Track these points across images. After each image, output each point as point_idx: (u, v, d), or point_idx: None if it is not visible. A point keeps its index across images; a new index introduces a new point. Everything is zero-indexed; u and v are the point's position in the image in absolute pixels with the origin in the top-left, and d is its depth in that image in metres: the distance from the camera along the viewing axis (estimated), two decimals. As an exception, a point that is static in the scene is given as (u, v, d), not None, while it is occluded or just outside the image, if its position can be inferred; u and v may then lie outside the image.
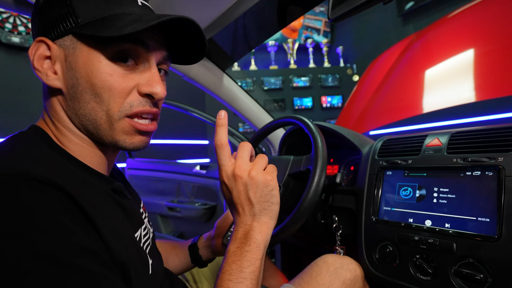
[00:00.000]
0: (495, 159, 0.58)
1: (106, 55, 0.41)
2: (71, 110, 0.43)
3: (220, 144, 0.49)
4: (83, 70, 0.41)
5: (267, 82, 4.53)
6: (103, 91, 0.41)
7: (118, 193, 0.46)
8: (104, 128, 0.43)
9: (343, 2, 0.67)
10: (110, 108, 0.42)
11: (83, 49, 0.41)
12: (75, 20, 0.40)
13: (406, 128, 2.43)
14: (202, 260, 0.72)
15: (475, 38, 2.05)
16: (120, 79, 0.42)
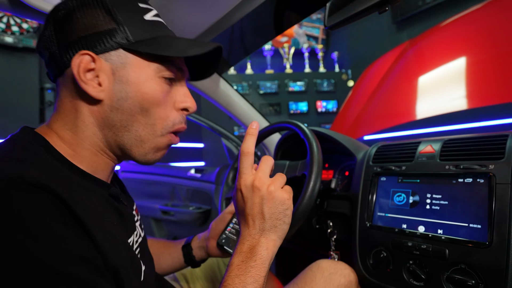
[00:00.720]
0: (486, 167, 0.59)
1: (156, 73, 0.44)
2: (107, 121, 0.44)
3: (246, 152, 0.49)
4: (135, 85, 0.43)
5: (263, 86, 4.55)
6: (152, 106, 0.44)
7: (115, 199, 0.46)
8: (145, 142, 0.45)
9: (339, 10, 0.68)
10: (156, 124, 0.45)
11: (134, 64, 0.43)
12: (125, 37, 0.42)
13: (399, 134, 2.46)
14: (196, 260, 0.72)
15: (466, 47, 2.10)
16: (165, 95, 0.45)
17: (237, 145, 1.59)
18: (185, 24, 0.83)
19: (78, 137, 0.43)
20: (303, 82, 4.62)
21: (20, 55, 2.88)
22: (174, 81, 0.47)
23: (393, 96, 2.55)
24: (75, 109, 0.43)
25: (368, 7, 0.61)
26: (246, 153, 0.49)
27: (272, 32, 0.95)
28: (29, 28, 2.89)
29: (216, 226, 0.71)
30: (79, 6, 0.42)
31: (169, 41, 0.45)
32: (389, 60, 2.77)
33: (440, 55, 2.24)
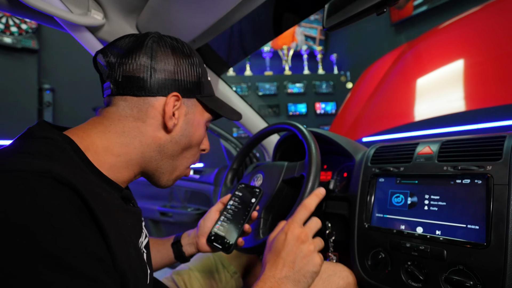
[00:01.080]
0: (484, 168, 0.59)
1: (206, 121, 0.57)
2: (163, 147, 0.52)
3: (307, 206, 0.57)
4: (196, 128, 0.55)
5: (262, 88, 4.55)
6: (196, 145, 0.57)
7: (126, 201, 0.50)
8: (176, 171, 0.56)
9: (337, 12, 0.68)
10: (190, 158, 0.57)
11: (199, 111, 0.55)
12: (201, 91, 0.54)
13: (398, 135, 2.47)
14: (186, 256, 0.75)
15: (464, 49, 2.11)
16: (205, 137, 0.59)
17: (236, 146, 1.59)
18: (184, 25, 0.84)
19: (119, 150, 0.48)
20: (302, 84, 4.62)
21: (19, 55, 2.87)
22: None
23: (391, 98, 2.56)
24: (137, 128, 0.49)
25: (366, 8, 0.61)
26: (306, 207, 0.57)
27: (271, 34, 0.96)
28: (28, 28, 2.88)
29: (204, 224, 0.73)
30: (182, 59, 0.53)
31: (218, 101, 0.60)
32: (388, 62, 2.79)
33: (438, 57, 2.25)
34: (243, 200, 0.71)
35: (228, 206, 0.72)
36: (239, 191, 0.73)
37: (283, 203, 0.81)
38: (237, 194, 0.73)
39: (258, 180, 0.86)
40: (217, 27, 0.84)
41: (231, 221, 0.69)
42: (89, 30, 0.84)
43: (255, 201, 0.69)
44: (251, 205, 0.68)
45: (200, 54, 1.04)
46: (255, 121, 1.27)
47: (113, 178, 0.47)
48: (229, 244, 0.66)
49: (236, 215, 0.69)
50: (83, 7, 0.80)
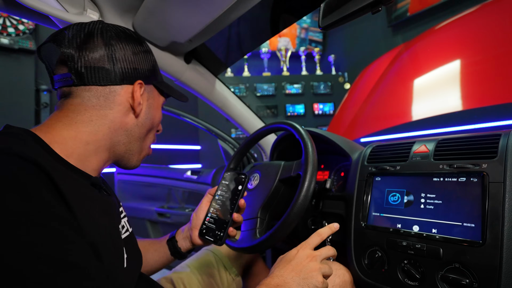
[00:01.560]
0: (479, 166, 0.59)
1: (162, 103, 0.63)
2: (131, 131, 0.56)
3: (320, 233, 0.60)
4: (155, 110, 0.60)
5: (260, 89, 4.56)
6: (155, 121, 0.61)
7: (96, 187, 0.51)
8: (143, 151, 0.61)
9: (333, 11, 0.69)
10: (153, 133, 0.62)
11: (155, 94, 0.61)
12: (156, 77, 0.60)
13: (395, 136, 2.47)
14: (182, 252, 0.74)
15: (460, 49, 2.12)
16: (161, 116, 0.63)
17: (234, 147, 1.59)
18: (181, 25, 0.83)
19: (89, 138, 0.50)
20: (300, 85, 4.63)
21: (16, 56, 2.86)
22: None
23: (388, 98, 2.57)
24: (105, 115, 0.52)
25: (362, 7, 0.61)
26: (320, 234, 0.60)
27: (268, 33, 0.96)
28: (25, 29, 2.87)
29: (197, 216, 0.73)
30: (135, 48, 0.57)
31: (169, 85, 0.64)
32: (385, 62, 2.80)
33: (435, 58, 2.26)
34: (230, 188, 0.70)
35: (216, 197, 0.71)
36: (225, 180, 0.72)
37: (280, 202, 0.80)
38: (224, 183, 0.72)
39: (255, 179, 0.86)
40: (214, 27, 0.84)
41: (220, 212, 0.68)
42: (85, 29, 0.84)
43: (241, 188, 0.68)
44: (238, 193, 0.67)
45: (197, 54, 1.05)
46: (253, 121, 1.27)
47: (82, 167, 0.49)
48: (220, 235, 0.65)
49: (224, 205, 0.68)
50: (79, 6, 0.80)
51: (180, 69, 1.02)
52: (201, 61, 1.08)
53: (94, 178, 0.51)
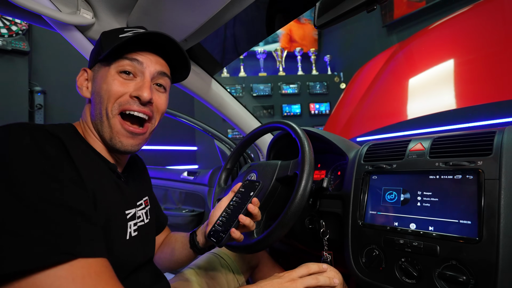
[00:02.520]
0: (475, 163, 0.59)
1: (112, 70, 0.58)
2: (91, 113, 0.60)
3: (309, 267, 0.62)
4: (99, 81, 0.59)
5: (256, 89, 4.56)
6: (105, 93, 0.57)
7: (114, 173, 0.59)
8: (105, 124, 0.58)
9: (328, 10, 0.69)
10: (108, 106, 0.57)
11: (101, 70, 0.60)
12: (101, 54, 0.58)
13: (391, 135, 2.49)
14: (200, 247, 0.74)
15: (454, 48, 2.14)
16: (118, 85, 0.58)
17: (230, 147, 1.58)
18: (175, 24, 0.83)
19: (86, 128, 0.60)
20: (296, 85, 4.64)
21: (9, 57, 2.83)
22: (135, 75, 0.59)
23: (384, 97, 2.58)
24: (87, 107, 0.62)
25: (357, 6, 0.61)
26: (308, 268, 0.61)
27: (263, 33, 0.95)
28: (18, 30, 2.84)
29: (214, 213, 0.72)
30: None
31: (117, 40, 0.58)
32: (380, 62, 2.81)
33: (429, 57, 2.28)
34: (244, 195, 0.70)
35: (230, 202, 0.71)
36: (242, 187, 0.72)
37: (277, 201, 0.80)
38: (241, 190, 0.72)
39: (252, 179, 0.86)
40: (209, 26, 0.83)
41: (229, 215, 0.68)
42: (79, 29, 0.83)
43: (252, 193, 0.67)
44: (248, 198, 0.67)
45: (193, 54, 1.04)
46: (249, 121, 1.27)
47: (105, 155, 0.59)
48: (221, 237, 0.64)
49: (234, 209, 0.68)
50: (72, 6, 0.79)
51: (175, 69, 1.01)
52: (197, 61, 1.08)
53: (112, 165, 0.59)
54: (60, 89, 3.12)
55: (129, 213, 0.60)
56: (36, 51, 3.04)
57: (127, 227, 0.58)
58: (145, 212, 0.67)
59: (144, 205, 0.68)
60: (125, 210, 0.59)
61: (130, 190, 0.63)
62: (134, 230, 0.60)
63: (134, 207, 0.63)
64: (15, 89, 2.86)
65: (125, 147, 0.59)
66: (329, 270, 0.65)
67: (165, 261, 0.80)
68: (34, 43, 3.02)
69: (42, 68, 3.08)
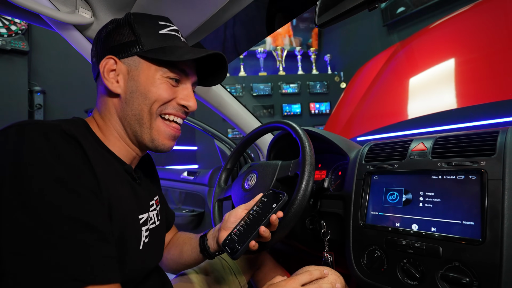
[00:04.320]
0: (478, 163, 0.59)
1: (160, 73, 0.56)
2: (123, 111, 0.56)
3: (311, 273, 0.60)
4: (144, 80, 0.55)
5: (256, 88, 4.55)
6: (153, 96, 0.56)
7: (130, 175, 0.58)
8: (146, 125, 0.56)
9: (329, 9, 0.68)
10: (153, 108, 0.56)
11: (145, 66, 0.56)
12: (140, 47, 0.55)
13: (392, 135, 2.48)
14: (210, 252, 0.71)
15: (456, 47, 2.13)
16: (168, 90, 0.57)
17: (231, 147, 1.57)
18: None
19: (107, 125, 0.57)
20: (296, 84, 4.64)
21: (9, 57, 2.82)
22: (179, 82, 0.59)
23: (384, 96, 2.57)
24: (105, 102, 0.57)
25: (358, 4, 0.60)
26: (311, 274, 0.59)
27: (263, 32, 0.95)
28: (18, 30, 2.83)
29: (229, 219, 0.69)
30: (114, 28, 0.57)
31: (173, 49, 0.56)
32: (380, 61, 2.80)
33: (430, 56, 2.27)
34: (265, 205, 0.66)
35: (251, 211, 0.67)
36: (265, 197, 0.69)
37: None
38: (263, 199, 0.68)
39: (252, 179, 0.85)
40: (208, 25, 0.83)
41: (248, 226, 0.64)
42: (77, 28, 0.83)
43: (275, 206, 0.64)
44: (270, 210, 0.63)
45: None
46: (249, 120, 1.26)
47: (117, 153, 0.56)
48: (236, 249, 0.61)
49: (254, 219, 0.64)
50: (71, 5, 0.79)
51: (175, 68, 1.01)
52: (196, 61, 1.07)
53: (128, 166, 0.57)
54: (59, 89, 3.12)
55: (142, 218, 0.58)
56: (36, 51, 3.03)
57: (141, 235, 0.56)
58: (156, 213, 0.65)
59: (155, 205, 0.66)
60: (138, 215, 0.57)
61: (144, 191, 0.62)
62: (146, 236, 0.58)
63: (147, 210, 0.61)
64: (15, 89, 2.85)
65: (167, 149, 0.60)
66: (330, 274, 0.63)
67: (172, 263, 0.78)
68: (34, 43, 3.01)
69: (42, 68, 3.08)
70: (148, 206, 0.62)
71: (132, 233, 0.53)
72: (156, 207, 0.66)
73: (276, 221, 0.63)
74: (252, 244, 0.62)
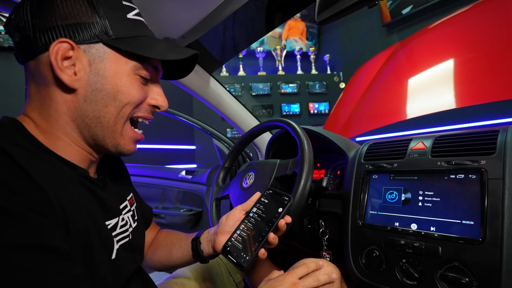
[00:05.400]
0: (478, 162, 0.58)
1: (131, 69, 0.47)
2: (80, 111, 0.45)
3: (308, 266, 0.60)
4: (111, 77, 0.45)
5: (256, 88, 4.54)
6: (123, 97, 0.46)
7: (86, 179, 0.48)
8: (112, 129, 0.47)
9: (329, 6, 0.67)
10: (123, 111, 0.47)
11: (112, 58, 0.45)
12: (107, 32, 0.44)
13: (391, 135, 2.48)
14: (203, 256, 0.67)
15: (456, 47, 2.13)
16: (139, 90, 0.48)
17: (229, 146, 1.57)
18: (173, 20, 0.81)
19: (52, 126, 0.45)
20: (296, 84, 4.63)
21: (6, 54, 2.81)
22: (149, 79, 0.51)
23: (384, 96, 2.57)
24: (49, 96, 0.44)
25: (358, 1, 0.60)
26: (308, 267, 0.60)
27: (263, 30, 0.94)
28: (15, 28, 2.81)
29: (226, 222, 0.65)
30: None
31: (149, 42, 0.48)
32: (380, 61, 2.80)
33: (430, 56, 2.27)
34: (268, 208, 0.62)
35: (251, 214, 0.63)
36: (265, 198, 0.65)
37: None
38: (263, 201, 0.64)
39: (250, 178, 0.84)
40: (207, 23, 0.82)
41: (251, 232, 0.60)
42: None
43: (282, 210, 0.59)
44: (277, 215, 0.59)
45: (191, 51, 1.02)
46: (247, 119, 1.26)
47: (68, 158, 0.46)
48: (245, 259, 0.56)
49: (258, 225, 0.60)
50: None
51: (173, 66, 1.00)
52: (194, 58, 1.06)
53: (81, 170, 0.47)
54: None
55: (109, 224, 0.50)
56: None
57: (113, 244, 0.49)
58: (131, 214, 0.59)
59: (130, 206, 0.59)
60: (105, 221, 0.49)
61: (109, 195, 0.53)
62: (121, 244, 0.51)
63: (118, 214, 0.53)
64: (12, 87, 2.83)
65: (131, 153, 0.52)
66: (325, 266, 0.62)
67: (159, 265, 0.74)
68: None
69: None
70: (118, 209, 0.54)
71: (99, 243, 0.45)
72: (130, 207, 0.59)
73: (285, 226, 0.59)
74: (261, 252, 0.57)
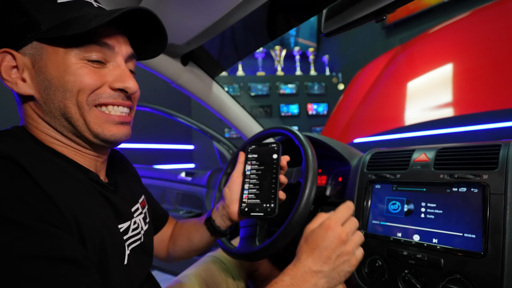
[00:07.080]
0: (480, 177, 0.59)
1: (73, 57, 0.43)
2: (48, 114, 0.44)
3: (350, 206, 0.56)
4: (54, 70, 0.43)
5: (254, 88, 4.54)
6: (73, 86, 0.43)
7: (98, 184, 0.48)
8: (80, 122, 0.45)
9: (336, 18, 0.68)
10: (79, 100, 0.44)
11: (50, 52, 0.43)
12: (37, 27, 0.41)
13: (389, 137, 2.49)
14: (222, 230, 0.70)
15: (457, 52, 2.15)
16: (91, 75, 0.44)
17: (229, 148, 1.57)
18: (179, 27, 0.81)
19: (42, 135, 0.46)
20: (294, 85, 4.64)
21: (3, 52, 2.77)
22: (105, 63, 0.47)
23: (384, 101, 2.59)
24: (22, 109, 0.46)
25: (365, 15, 0.60)
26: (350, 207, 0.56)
27: (266, 37, 0.94)
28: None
29: (231, 191, 0.67)
30: None
31: (78, 20, 0.42)
32: (380, 64, 2.82)
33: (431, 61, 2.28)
34: (262, 160, 0.64)
35: (248, 172, 0.64)
36: (251, 153, 0.66)
37: (279, 209, 0.79)
38: (251, 157, 0.66)
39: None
40: (212, 30, 0.82)
41: (260, 185, 0.62)
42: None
43: (277, 156, 0.63)
44: (274, 162, 0.62)
45: (194, 56, 1.02)
46: (249, 124, 1.26)
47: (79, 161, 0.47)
48: (270, 207, 0.59)
49: (262, 177, 0.62)
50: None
51: (176, 71, 1.00)
52: (198, 63, 1.06)
53: (92, 174, 0.47)
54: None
55: (122, 227, 0.50)
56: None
57: (124, 249, 0.49)
58: (143, 217, 0.60)
59: (141, 208, 0.60)
60: (118, 225, 0.49)
61: (121, 198, 0.53)
62: (132, 248, 0.51)
63: (130, 218, 0.54)
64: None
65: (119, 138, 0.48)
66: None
67: (183, 253, 0.76)
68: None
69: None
70: (130, 213, 0.55)
71: (113, 249, 0.45)
72: (142, 210, 0.60)
73: (286, 165, 0.64)
74: (281, 193, 0.61)
